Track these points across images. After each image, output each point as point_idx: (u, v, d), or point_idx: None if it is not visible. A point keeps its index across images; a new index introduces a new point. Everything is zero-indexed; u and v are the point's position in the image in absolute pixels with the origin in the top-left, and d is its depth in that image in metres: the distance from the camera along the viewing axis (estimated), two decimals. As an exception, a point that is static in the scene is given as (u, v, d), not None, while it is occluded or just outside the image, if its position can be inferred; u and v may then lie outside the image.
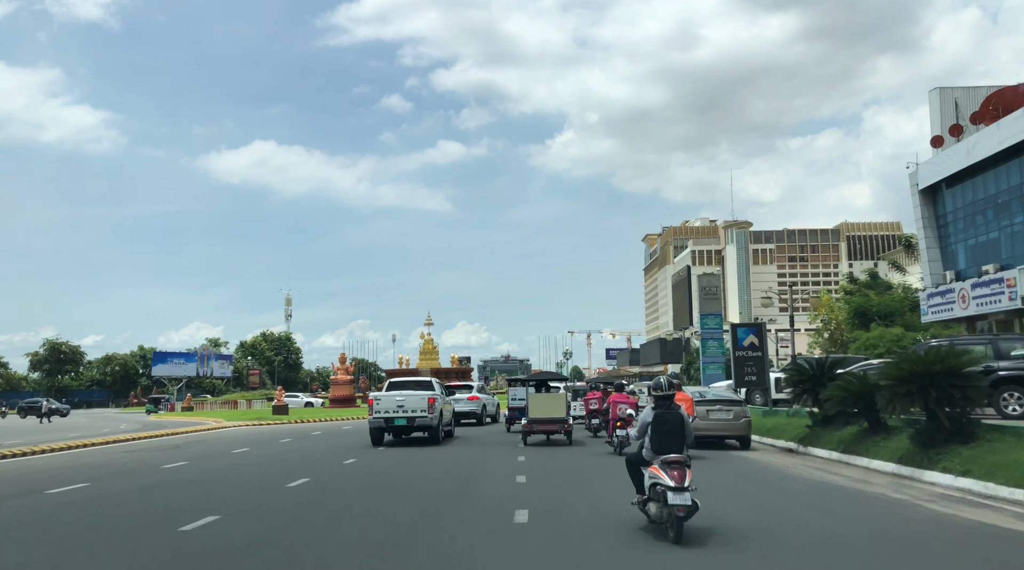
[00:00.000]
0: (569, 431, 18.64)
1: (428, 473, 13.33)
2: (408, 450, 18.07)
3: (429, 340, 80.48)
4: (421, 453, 17.26)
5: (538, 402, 18.59)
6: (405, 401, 19.27)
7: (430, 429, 19.47)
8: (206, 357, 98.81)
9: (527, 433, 18.69)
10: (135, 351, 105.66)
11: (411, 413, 19.10)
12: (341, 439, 23.14)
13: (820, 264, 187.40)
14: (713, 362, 31.36)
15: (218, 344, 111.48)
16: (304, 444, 21.66)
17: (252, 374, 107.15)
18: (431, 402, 19.28)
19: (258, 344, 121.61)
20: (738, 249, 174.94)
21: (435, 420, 19.34)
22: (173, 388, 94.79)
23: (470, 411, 29.26)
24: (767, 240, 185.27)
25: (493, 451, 17.46)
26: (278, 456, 17.86)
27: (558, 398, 18.87)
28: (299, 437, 24.89)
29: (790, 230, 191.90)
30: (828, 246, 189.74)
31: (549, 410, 18.35)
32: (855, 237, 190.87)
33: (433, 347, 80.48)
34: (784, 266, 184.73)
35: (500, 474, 12.98)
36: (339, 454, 17.70)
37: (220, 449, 20.47)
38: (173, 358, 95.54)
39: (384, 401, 19.44)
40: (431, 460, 15.70)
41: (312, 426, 32.15)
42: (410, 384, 21.01)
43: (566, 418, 18.43)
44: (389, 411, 19.20)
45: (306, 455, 17.80)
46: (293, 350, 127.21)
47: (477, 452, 17.33)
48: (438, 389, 21.19)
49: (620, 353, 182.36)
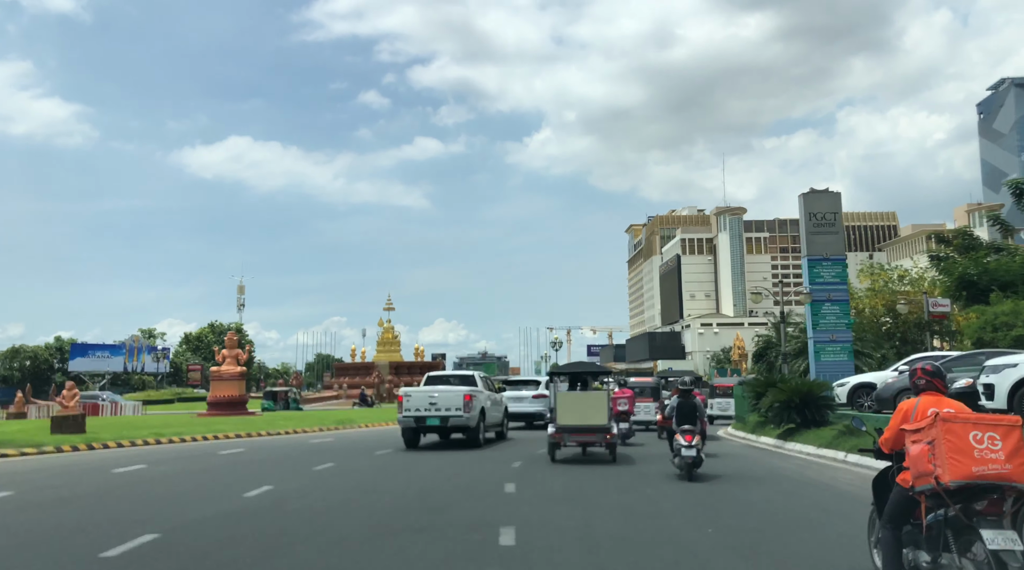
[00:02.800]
0: (612, 444, 14.66)
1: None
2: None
3: (389, 329, 68.59)
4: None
5: (569, 404, 14.61)
6: (439, 398, 17.46)
7: (467, 430, 17.67)
8: (136, 350, 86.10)
9: (555, 445, 14.63)
10: (50, 343, 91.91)
11: (444, 412, 17.33)
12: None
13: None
14: (833, 342, 20.13)
15: (152, 335, 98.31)
16: None
17: (192, 369, 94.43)
18: (467, 399, 17.44)
19: (204, 336, 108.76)
20: (731, 237, 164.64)
21: (473, 420, 17.52)
22: (94, 386, 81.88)
23: (535, 412, 24.01)
24: (760, 229, 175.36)
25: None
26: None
27: (596, 398, 14.78)
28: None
29: (781, 220, 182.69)
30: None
31: (584, 414, 14.39)
32: (850, 227, 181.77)
33: (393, 337, 68.58)
34: (776, 257, 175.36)
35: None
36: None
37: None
38: (95, 351, 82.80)
39: (415, 398, 17.63)
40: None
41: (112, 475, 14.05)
42: (451, 379, 19.37)
43: (608, 425, 14.43)
44: (420, 409, 17.43)
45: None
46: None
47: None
48: (481, 384, 18.99)
49: (603, 349, 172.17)
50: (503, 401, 21.03)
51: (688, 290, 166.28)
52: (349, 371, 65.57)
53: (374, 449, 17.47)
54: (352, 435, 23.70)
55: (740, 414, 25.20)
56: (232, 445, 19.41)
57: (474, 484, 11.08)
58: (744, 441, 20.18)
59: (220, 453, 16.67)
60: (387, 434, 22.71)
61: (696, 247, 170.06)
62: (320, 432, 24.69)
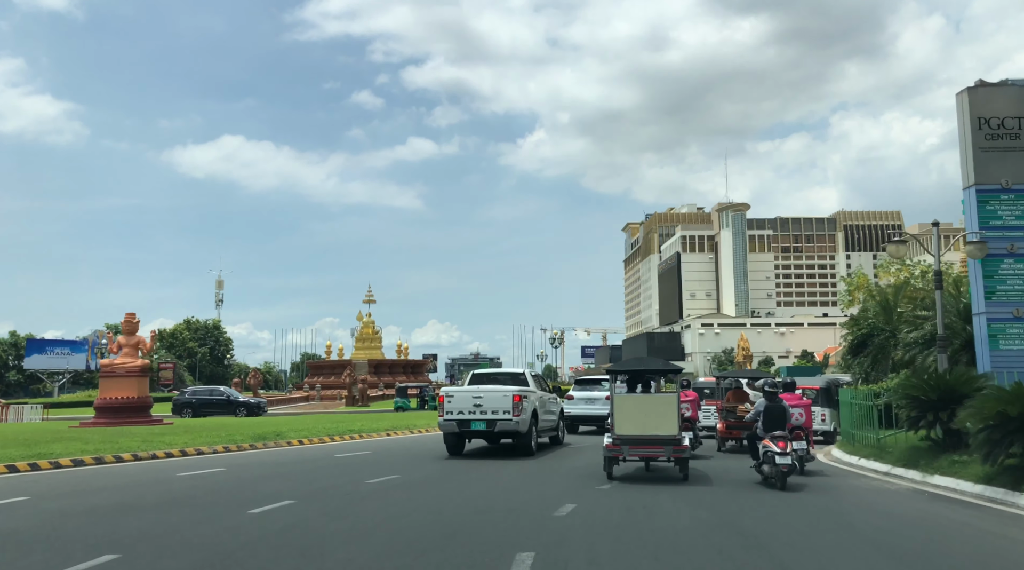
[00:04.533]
0: (683, 459, 12.00)
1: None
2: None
3: (369, 324, 62.80)
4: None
5: (630, 409, 12.30)
6: (484, 399, 15.61)
7: (516, 436, 15.77)
8: (100, 347, 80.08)
9: (612, 460, 12.25)
10: (4, 338, 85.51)
11: (491, 415, 15.48)
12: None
13: (816, 255, 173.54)
14: (1020, 320, 13.78)
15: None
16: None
17: (164, 368, 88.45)
18: (517, 400, 15.50)
19: (179, 333, 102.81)
20: (734, 234, 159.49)
21: (524, 424, 15.59)
22: (53, 385, 76.08)
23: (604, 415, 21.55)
24: (762, 227, 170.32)
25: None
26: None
27: (663, 403, 12.26)
28: None
29: (783, 219, 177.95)
30: (824, 236, 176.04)
31: (648, 422, 12.02)
32: (852, 226, 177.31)
33: (374, 332, 62.83)
34: (778, 257, 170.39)
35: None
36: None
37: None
38: (54, 347, 76.86)
39: (457, 399, 15.79)
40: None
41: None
42: (500, 377, 17.34)
43: (678, 436, 11.87)
44: (464, 411, 15.64)
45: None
46: (222, 341, 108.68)
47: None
48: (533, 383, 16.98)
49: (598, 351, 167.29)
50: (558, 402, 19.40)
51: (688, 289, 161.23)
52: (324, 370, 59.78)
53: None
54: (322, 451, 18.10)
55: (848, 430, 17.47)
56: (103, 477, 13.54)
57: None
58: (880, 478, 12.69)
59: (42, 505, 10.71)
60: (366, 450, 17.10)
61: (697, 244, 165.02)
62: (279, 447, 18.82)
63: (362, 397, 45.89)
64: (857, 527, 8.11)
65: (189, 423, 29.46)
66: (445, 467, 13.85)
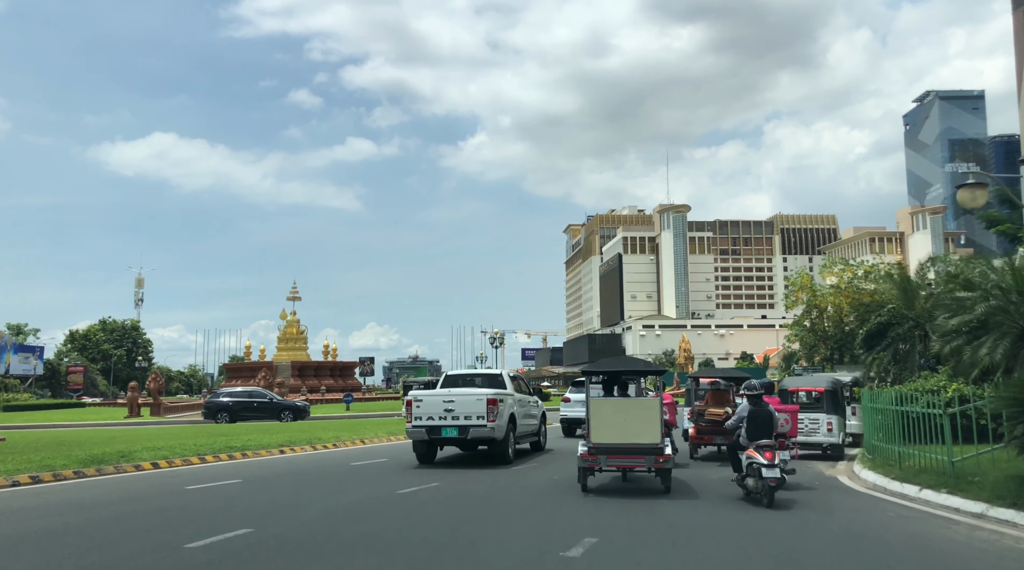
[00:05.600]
0: (665, 469, 10.90)
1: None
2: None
3: (293, 323, 58.61)
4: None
5: (607, 414, 11.12)
6: (456, 403, 14.39)
7: (492, 443, 14.61)
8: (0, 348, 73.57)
9: (587, 471, 11.10)
10: None
11: (464, 421, 14.32)
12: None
13: (754, 258, 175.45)
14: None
15: (22, 331, 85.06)
16: None
17: (73, 371, 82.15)
18: (492, 405, 14.33)
19: (93, 334, 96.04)
20: (675, 236, 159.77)
21: (500, 431, 14.44)
22: (-57, 390, 69.00)
23: None
24: (702, 229, 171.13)
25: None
26: None
27: (644, 408, 11.19)
28: None
29: (722, 221, 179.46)
30: (762, 239, 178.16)
31: (627, 429, 10.96)
32: (789, 230, 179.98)
33: (299, 332, 58.65)
34: (718, 259, 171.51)
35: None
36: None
37: None
38: (-55, 348, 70.02)
39: (427, 403, 14.54)
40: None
41: None
42: (476, 379, 16.29)
43: (660, 444, 10.83)
44: (434, 417, 14.44)
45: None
46: (141, 343, 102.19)
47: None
48: (510, 386, 15.86)
49: (539, 353, 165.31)
50: (540, 405, 18.13)
51: (629, 291, 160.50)
52: (242, 372, 55.20)
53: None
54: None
55: (880, 444, 13.62)
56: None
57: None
58: (973, 522, 8.63)
59: None
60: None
61: (638, 246, 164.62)
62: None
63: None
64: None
65: (13, 440, 20.36)
66: (319, 518, 8.98)
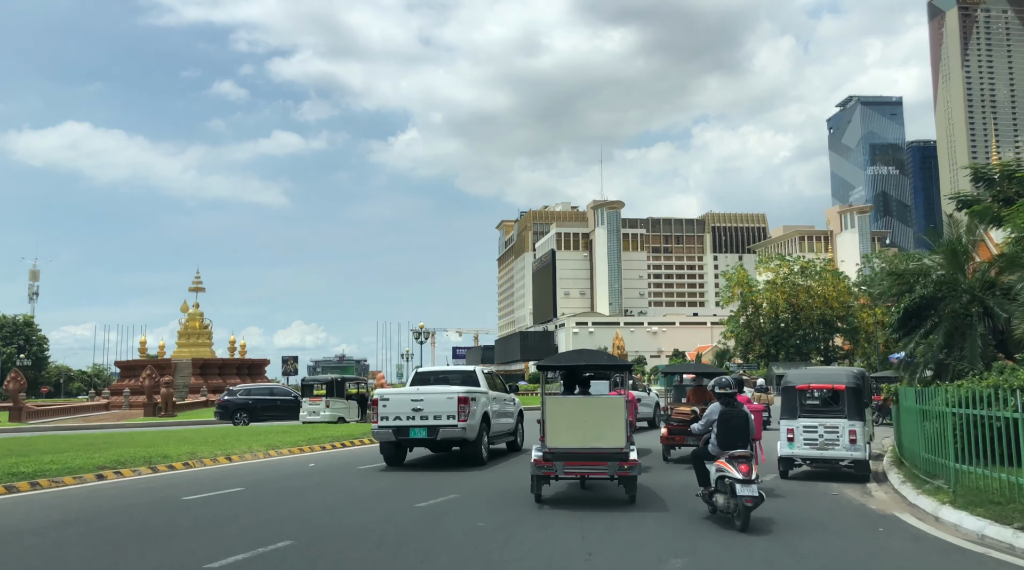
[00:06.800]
0: (629, 477, 9.80)
1: None
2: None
3: (196, 316, 52.83)
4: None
5: (565, 415, 10.19)
6: (425, 402, 13.79)
7: (464, 444, 14.01)
8: None
9: (542, 479, 10.03)
10: None
11: (433, 421, 13.70)
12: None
13: (685, 256, 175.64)
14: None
15: None
16: None
17: (-53, 372, 73.52)
18: (463, 403, 13.70)
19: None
20: (609, 232, 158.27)
21: (472, 431, 13.81)
22: None
23: None
24: (635, 226, 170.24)
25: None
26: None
27: (608, 408, 10.28)
28: None
29: (655, 219, 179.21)
30: (694, 237, 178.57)
31: (588, 432, 9.94)
32: (720, 228, 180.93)
33: (202, 326, 52.94)
34: (651, 257, 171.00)
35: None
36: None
37: None
38: None
39: (393, 402, 14.00)
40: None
41: None
42: (449, 376, 15.50)
43: (625, 449, 9.77)
44: (402, 417, 13.83)
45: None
46: (36, 340, 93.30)
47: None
48: (484, 383, 15.01)
49: (470, 351, 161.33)
50: (516, 403, 17.46)
51: (563, 288, 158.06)
52: (136, 371, 49.28)
53: None
54: None
55: (916, 452, 11.17)
56: None
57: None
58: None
59: None
60: None
61: (572, 242, 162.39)
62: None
63: (166, 405, 36.69)
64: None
65: None
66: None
